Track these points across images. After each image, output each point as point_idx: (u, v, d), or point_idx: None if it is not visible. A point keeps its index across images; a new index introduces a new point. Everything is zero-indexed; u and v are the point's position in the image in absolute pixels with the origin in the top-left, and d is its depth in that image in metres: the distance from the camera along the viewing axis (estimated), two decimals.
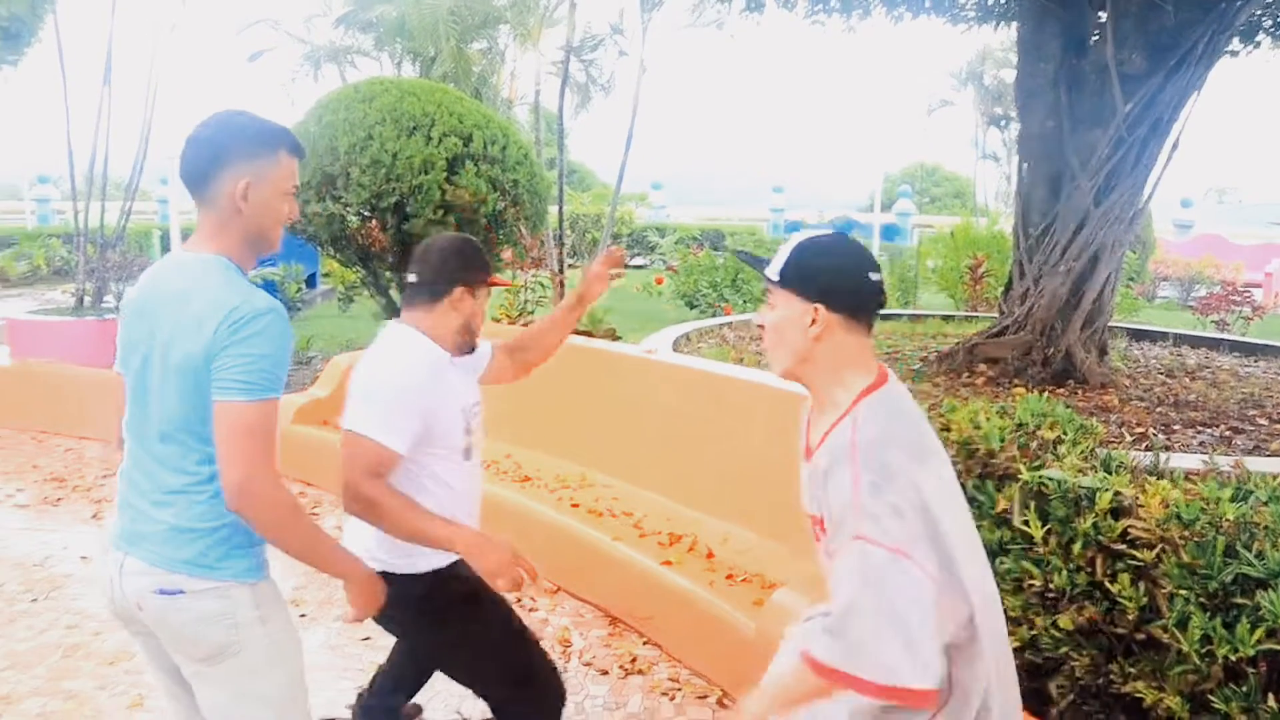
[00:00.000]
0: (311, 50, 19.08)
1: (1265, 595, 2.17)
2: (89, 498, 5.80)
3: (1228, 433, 5.55)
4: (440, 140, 7.32)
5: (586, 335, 6.66)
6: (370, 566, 2.32)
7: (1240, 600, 2.24)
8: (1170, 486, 2.51)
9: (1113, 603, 2.46)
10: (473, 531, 2.39)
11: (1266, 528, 2.33)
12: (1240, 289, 11.94)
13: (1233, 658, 2.19)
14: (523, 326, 7.07)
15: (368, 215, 7.32)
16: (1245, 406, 6.23)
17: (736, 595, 3.76)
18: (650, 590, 3.98)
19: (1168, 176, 7.07)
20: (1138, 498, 2.51)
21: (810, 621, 2.07)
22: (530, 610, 4.29)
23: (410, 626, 2.64)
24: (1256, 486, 2.56)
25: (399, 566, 2.50)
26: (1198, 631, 2.22)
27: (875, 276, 1.83)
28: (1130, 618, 2.40)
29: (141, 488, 2.01)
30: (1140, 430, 5.51)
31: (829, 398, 1.86)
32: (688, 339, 7.93)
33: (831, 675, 1.68)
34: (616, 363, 5.39)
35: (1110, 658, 2.49)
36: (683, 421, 4.79)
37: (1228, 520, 2.35)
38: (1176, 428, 5.65)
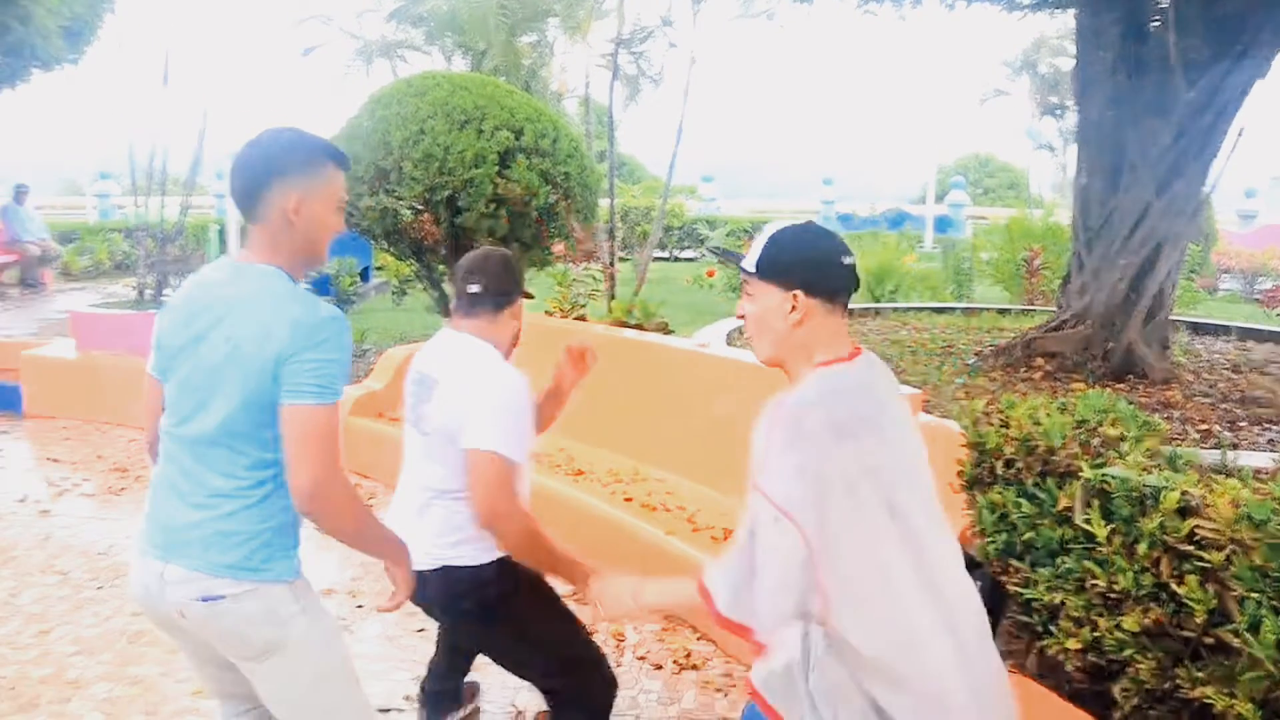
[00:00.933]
0: (363, 45, 19.25)
1: None
2: None
3: None
4: (492, 134, 7.35)
5: (638, 329, 6.65)
6: (427, 562, 2.43)
7: None
8: (1239, 485, 2.44)
9: (1179, 605, 2.40)
10: (590, 567, 2.48)
11: None
12: None
13: None
14: (576, 320, 7.09)
15: (420, 209, 7.37)
16: None
17: None
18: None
19: (1231, 165, 6.88)
20: (1205, 497, 2.44)
21: None
22: (584, 604, 4.30)
23: (469, 617, 2.67)
24: None
25: (460, 559, 2.56)
26: (1271, 636, 2.15)
27: (848, 260, 1.93)
28: (1198, 620, 2.35)
29: (182, 491, 2.05)
30: (1205, 427, 5.39)
31: (799, 376, 1.95)
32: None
33: (702, 593, 1.92)
34: (669, 356, 5.38)
35: (1177, 661, 2.44)
36: (736, 415, 4.76)
37: None
38: (1243, 424, 5.52)
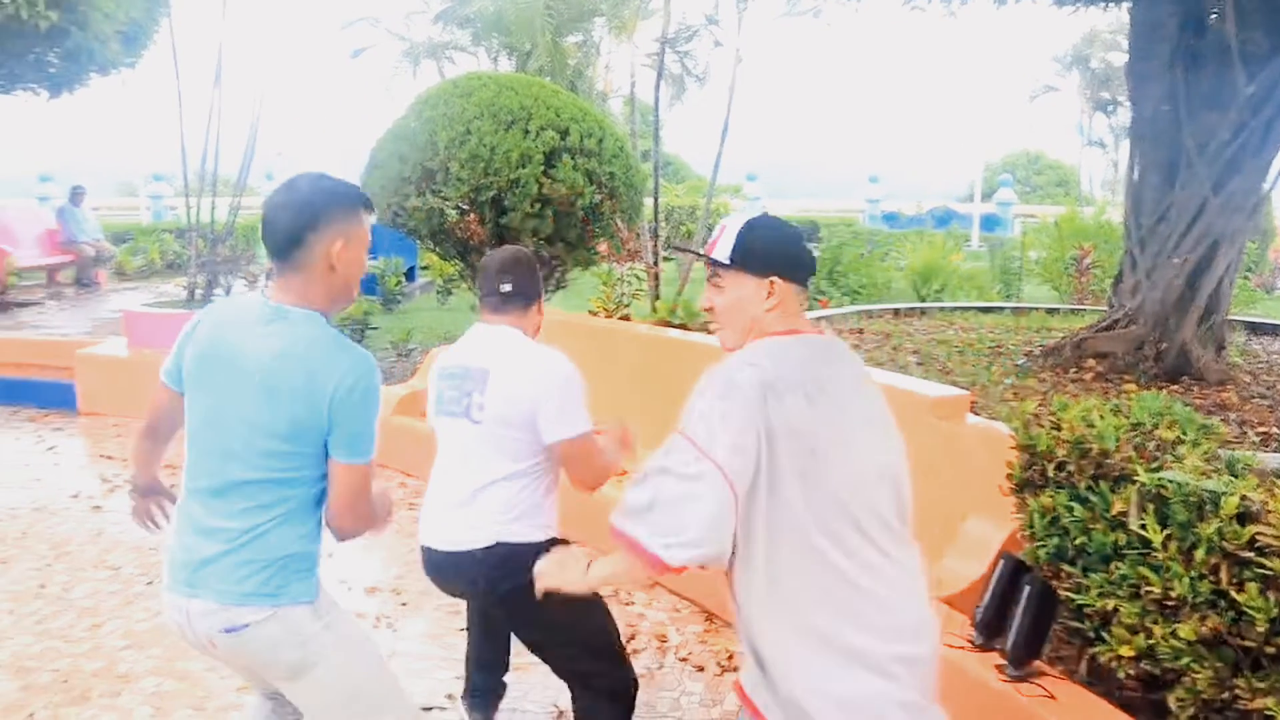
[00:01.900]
0: (411, 47, 19.43)
1: None
2: None
3: None
4: (538, 134, 7.37)
5: (682, 328, 6.63)
6: (481, 539, 2.62)
7: None
8: None
9: (1239, 613, 2.33)
10: None
11: None
12: None
13: None
14: (620, 320, 7.08)
15: (466, 209, 7.41)
16: None
17: None
18: None
19: None
20: (1266, 503, 2.37)
21: None
22: (626, 604, 4.29)
23: (518, 594, 2.66)
24: None
25: (515, 535, 2.66)
26: None
27: (810, 246, 2.13)
28: (1259, 629, 2.28)
29: (203, 526, 2.09)
30: (1264, 430, 5.26)
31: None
32: None
33: (617, 536, 1.87)
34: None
35: (1236, 671, 2.37)
36: None
37: None
38: None
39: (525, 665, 3.19)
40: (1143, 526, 2.56)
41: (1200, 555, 2.41)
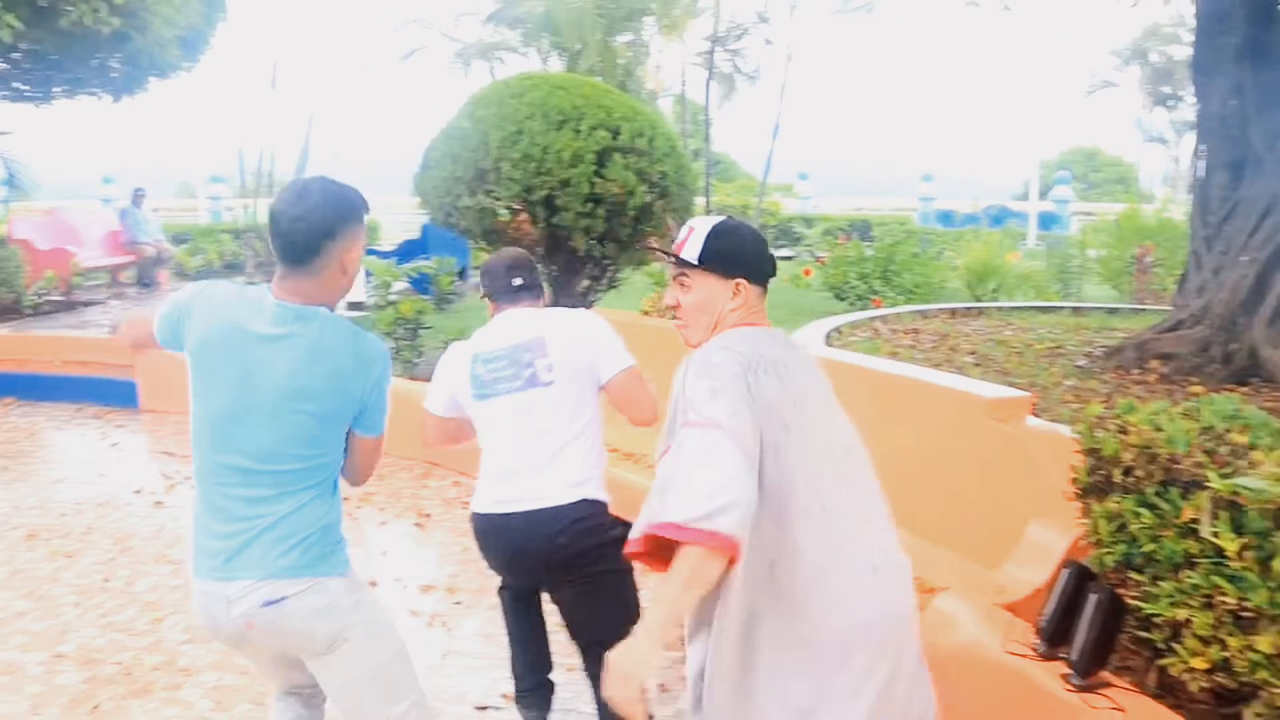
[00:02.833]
0: (462, 48, 19.57)
1: None
2: None
3: None
4: (589, 133, 7.36)
5: None
6: (566, 496, 2.81)
7: None
8: None
9: None
10: None
11: None
12: None
13: None
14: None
15: (518, 209, 7.43)
16: None
17: None
18: None
19: None
20: None
21: None
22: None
23: (599, 552, 2.84)
24: None
25: (595, 493, 2.89)
26: None
27: (771, 251, 2.24)
28: None
29: (233, 512, 2.16)
30: None
31: None
32: (839, 332, 7.76)
33: (659, 531, 1.80)
34: None
35: None
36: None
37: None
38: None
39: (577, 665, 3.18)
40: (1215, 534, 2.48)
41: (1278, 565, 2.33)
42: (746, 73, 17.86)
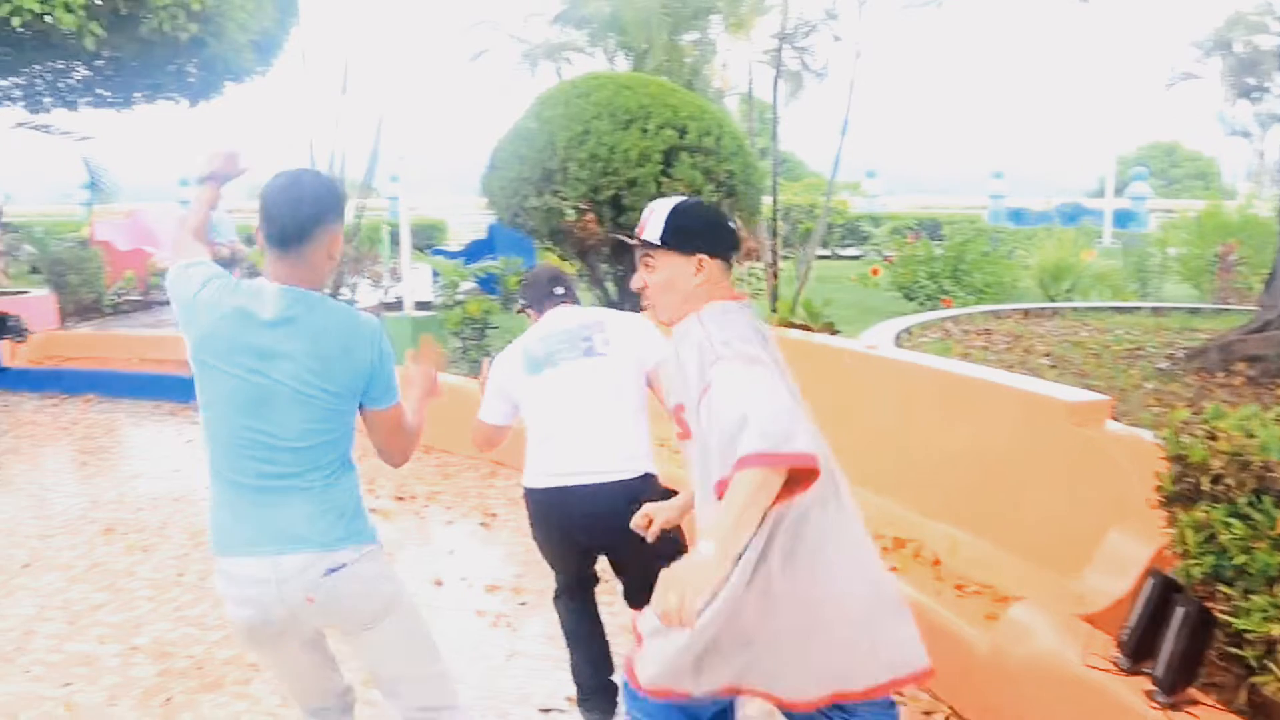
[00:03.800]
0: (529, 49, 19.64)
1: None
2: None
3: None
4: (656, 132, 7.33)
5: (804, 329, 6.50)
6: (633, 468, 3.00)
7: None
8: None
9: None
10: None
11: None
12: None
13: None
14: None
15: (584, 208, 7.42)
16: None
17: (967, 608, 3.55)
18: None
19: None
20: None
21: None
22: None
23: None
24: None
25: (654, 468, 3.08)
26: None
27: (733, 225, 2.32)
28: None
29: (270, 489, 2.24)
30: None
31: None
32: (909, 333, 7.63)
33: (760, 460, 1.84)
34: (836, 358, 5.22)
35: None
36: (907, 419, 4.58)
37: None
38: None
39: None
40: None
41: None
42: (814, 70, 17.64)
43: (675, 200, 2.26)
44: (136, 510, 5.81)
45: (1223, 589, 2.63)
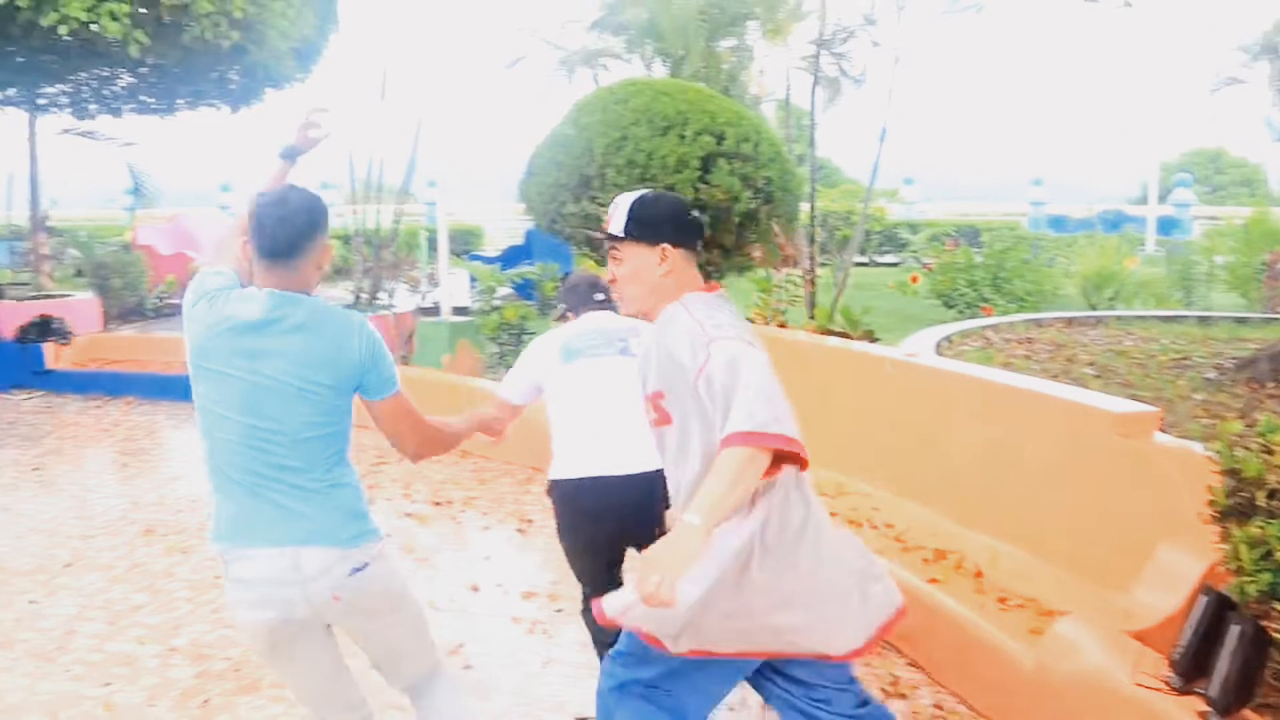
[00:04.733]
0: (566, 55, 19.68)
1: None
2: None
3: None
4: (694, 139, 7.30)
5: (844, 336, 6.43)
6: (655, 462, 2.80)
7: None
8: None
9: None
10: None
11: None
12: None
13: None
14: (777, 327, 6.93)
15: None
16: None
17: (1009, 621, 3.48)
18: (914, 609, 3.75)
19: None
20: None
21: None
22: None
23: None
24: None
25: None
26: None
27: (695, 214, 2.39)
28: None
29: (282, 486, 2.31)
30: None
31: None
32: (949, 341, 7.54)
33: (746, 440, 1.93)
34: (877, 365, 5.16)
35: None
36: (948, 429, 4.52)
37: None
38: None
39: None
40: None
41: None
42: (852, 76, 17.54)
43: (638, 193, 2.36)
44: (176, 512, 5.86)
45: (1279, 607, 2.55)
